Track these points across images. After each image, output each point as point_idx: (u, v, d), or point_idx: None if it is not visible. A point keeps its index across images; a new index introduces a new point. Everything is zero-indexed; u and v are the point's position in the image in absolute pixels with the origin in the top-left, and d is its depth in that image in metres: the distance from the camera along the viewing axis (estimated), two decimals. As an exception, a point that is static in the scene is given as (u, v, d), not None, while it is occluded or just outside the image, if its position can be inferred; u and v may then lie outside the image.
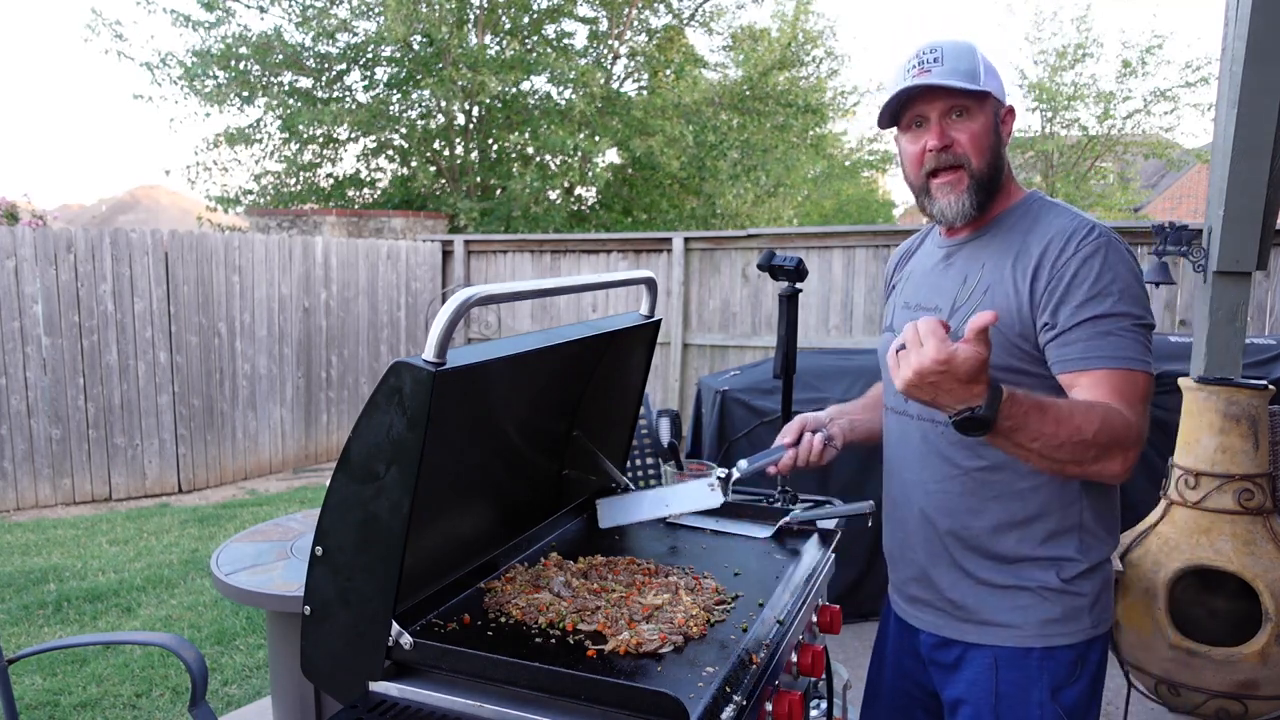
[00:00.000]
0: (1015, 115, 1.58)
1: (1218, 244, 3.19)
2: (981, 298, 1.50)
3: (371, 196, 14.12)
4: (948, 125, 1.52)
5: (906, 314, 1.65)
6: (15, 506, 6.49)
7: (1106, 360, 1.40)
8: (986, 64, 1.53)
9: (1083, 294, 1.41)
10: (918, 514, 1.64)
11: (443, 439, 1.34)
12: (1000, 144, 1.54)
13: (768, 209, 15.25)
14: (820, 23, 17.49)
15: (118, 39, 13.26)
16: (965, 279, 1.55)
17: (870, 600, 4.01)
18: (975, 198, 1.54)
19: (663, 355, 7.80)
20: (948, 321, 1.43)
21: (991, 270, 1.52)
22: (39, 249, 6.43)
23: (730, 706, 1.23)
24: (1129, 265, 1.45)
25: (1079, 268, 1.43)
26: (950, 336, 1.45)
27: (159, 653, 3.69)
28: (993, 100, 1.53)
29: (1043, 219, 1.52)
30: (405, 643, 1.28)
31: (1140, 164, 17.96)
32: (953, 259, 1.61)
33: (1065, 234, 1.47)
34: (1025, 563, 1.54)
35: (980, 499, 1.55)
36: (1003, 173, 1.56)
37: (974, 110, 1.51)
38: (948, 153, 1.52)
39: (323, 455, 8.31)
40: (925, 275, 1.67)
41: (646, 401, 2.28)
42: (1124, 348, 1.40)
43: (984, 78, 1.51)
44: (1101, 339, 1.40)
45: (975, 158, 1.52)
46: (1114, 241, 1.45)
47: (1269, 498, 2.88)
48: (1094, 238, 1.45)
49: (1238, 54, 3.03)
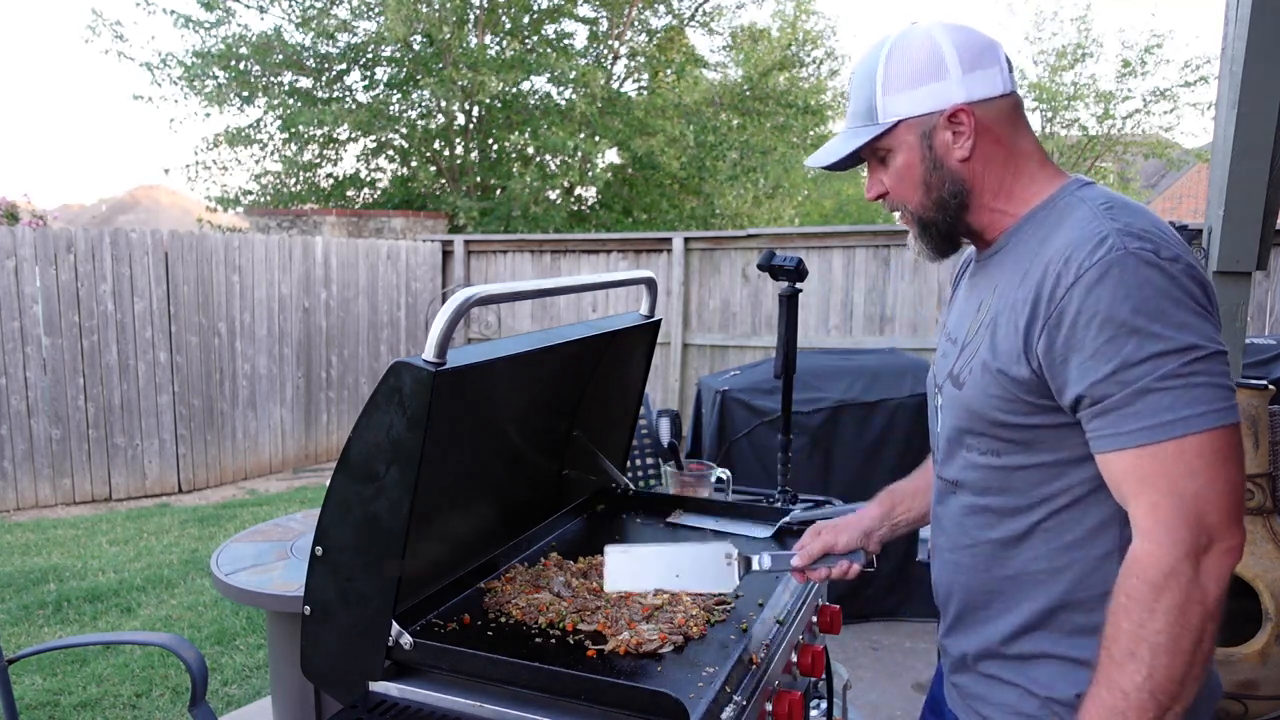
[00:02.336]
0: (972, 114, 1.19)
1: (1218, 244, 3.19)
2: (987, 333, 1.20)
3: (371, 196, 14.12)
4: (877, 171, 1.29)
5: (941, 340, 1.39)
6: (15, 506, 6.49)
7: (1143, 434, 1.04)
8: (899, 69, 1.21)
9: (1092, 340, 1.05)
10: (935, 581, 1.40)
11: (443, 439, 1.34)
12: (942, 163, 1.22)
13: (768, 209, 15.25)
14: (820, 23, 17.54)
15: (118, 39, 13.30)
16: (980, 305, 1.26)
17: (870, 600, 4.02)
18: (931, 238, 1.28)
19: (663, 355, 7.80)
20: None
21: (1001, 295, 1.20)
22: (39, 249, 6.43)
23: (730, 706, 1.23)
24: (1162, 281, 1.04)
25: (1082, 302, 1.06)
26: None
27: (159, 653, 3.69)
28: (911, 124, 1.22)
29: (1058, 226, 1.17)
30: (405, 643, 1.28)
31: (1140, 164, 17.96)
32: (977, 279, 1.31)
33: (1064, 255, 1.10)
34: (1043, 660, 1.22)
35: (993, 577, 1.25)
36: (975, 188, 1.23)
37: (893, 148, 1.24)
38: (887, 202, 1.30)
39: (323, 455, 8.31)
40: (963, 296, 1.38)
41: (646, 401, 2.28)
42: (1165, 405, 1.02)
43: (886, 100, 1.22)
44: (1132, 402, 1.04)
45: (909, 198, 1.26)
46: (1134, 253, 1.05)
47: (1269, 498, 2.88)
48: (1101, 255, 1.06)
49: (1238, 54, 3.03)
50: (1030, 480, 1.19)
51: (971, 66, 1.20)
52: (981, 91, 1.20)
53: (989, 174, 1.23)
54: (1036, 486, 1.18)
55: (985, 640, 1.27)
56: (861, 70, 1.26)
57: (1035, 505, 1.19)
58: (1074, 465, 1.15)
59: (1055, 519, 1.18)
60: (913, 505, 1.55)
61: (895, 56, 1.22)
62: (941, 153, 1.22)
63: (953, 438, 1.27)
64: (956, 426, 1.25)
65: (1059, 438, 1.15)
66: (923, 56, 1.20)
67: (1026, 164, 1.23)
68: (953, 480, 1.29)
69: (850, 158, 1.28)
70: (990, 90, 1.20)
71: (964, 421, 1.23)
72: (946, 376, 1.29)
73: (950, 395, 1.27)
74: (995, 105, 1.21)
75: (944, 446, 1.31)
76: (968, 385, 1.22)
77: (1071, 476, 1.16)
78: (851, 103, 1.28)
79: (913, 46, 1.21)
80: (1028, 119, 1.26)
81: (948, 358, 1.31)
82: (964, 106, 1.19)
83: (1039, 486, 1.18)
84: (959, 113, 1.19)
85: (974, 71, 1.20)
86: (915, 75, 1.20)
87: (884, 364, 4.33)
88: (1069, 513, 1.17)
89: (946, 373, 1.29)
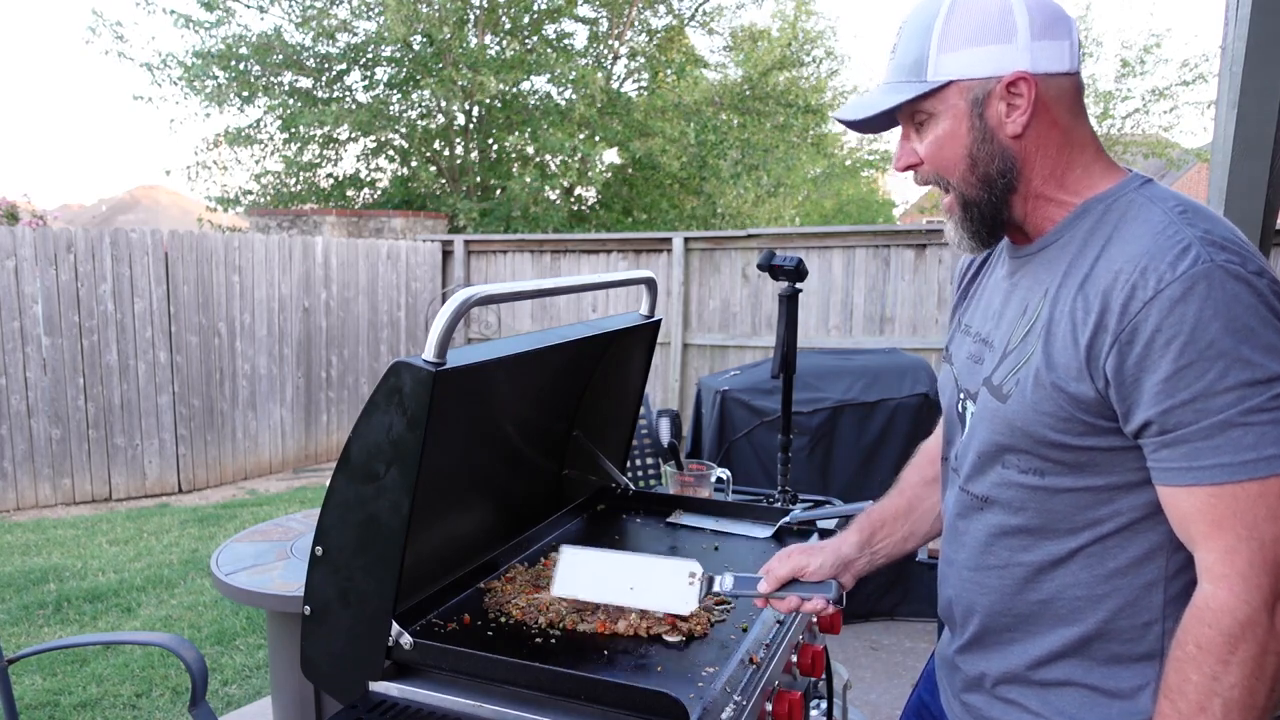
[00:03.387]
0: (1035, 84, 1.07)
1: (1218, 244, 3.19)
2: (1038, 342, 1.08)
3: (371, 196, 14.13)
4: (910, 138, 1.17)
5: (965, 344, 1.27)
6: (15, 506, 6.49)
7: (1221, 471, 0.95)
8: (962, 22, 1.09)
9: (1170, 363, 0.95)
10: (950, 597, 1.29)
11: (443, 439, 1.34)
12: (994, 136, 1.10)
13: (768, 209, 15.25)
14: (820, 23, 17.52)
15: (118, 40, 13.31)
16: (1025, 308, 1.13)
17: (870, 601, 4.02)
18: (974, 222, 1.16)
19: (663, 355, 7.80)
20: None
21: (1054, 301, 1.08)
22: (39, 249, 6.43)
23: (730, 706, 1.23)
24: (1252, 299, 0.95)
25: (1162, 319, 0.96)
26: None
27: (159, 653, 3.69)
28: (963, 86, 1.09)
29: (1125, 228, 1.05)
30: (405, 643, 1.28)
31: (1140, 163, 17.96)
32: (1017, 277, 1.18)
33: (1139, 265, 0.99)
34: (1068, 688, 1.14)
35: (1023, 601, 1.16)
36: (1026, 168, 1.11)
37: (936, 112, 1.12)
38: (918, 174, 1.17)
39: (323, 455, 8.31)
40: (991, 294, 1.25)
41: (646, 401, 2.28)
42: (1249, 443, 0.94)
43: (940, 57, 1.09)
44: (1212, 435, 0.95)
45: (951, 171, 1.13)
46: (1222, 267, 0.95)
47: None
48: (1185, 268, 0.96)
49: (1237, 54, 3.03)
50: (1076, 504, 1.09)
51: (1042, 34, 1.07)
52: (1047, 64, 1.08)
53: (1041, 157, 1.11)
54: (1082, 511, 1.09)
55: (1008, 664, 1.19)
56: (917, 18, 1.12)
57: (1079, 530, 1.09)
58: (1126, 491, 1.06)
59: (1100, 545, 1.09)
60: (894, 530, 1.43)
61: (960, 7, 1.09)
62: (994, 124, 1.09)
63: (988, 452, 1.16)
64: (995, 442, 1.14)
65: (1113, 461, 1.05)
66: (992, 12, 1.08)
67: (1082, 153, 1.12)
68: (982, 496, 1.18)
69: (884, 117, 1.15)
70: (1057, 65, 1.08)
71: (1005, 438, 1.12)
72: (982, 384, 1.17)
73: (989, 406, 1.15)
74: (1058, 82, 1.09)
75: (973, 460, 1.19)
76: (1014, 399, 1.10)
77: (1121, 503, 1.06)
78: (898, 54, 1.14)
79: (982, 1, 1.09)
80: (1085, 107, 1.14)
81: (981, 363, 1.20)
82: (1026, 75, 1.07)
83: (1085, 511, 1.09)
84: (1019, 81, 1.07)
85: (1043, 40, 1.07)
86: (978, 32, 1.08)
87: (884, 364, 4.33)
88: (1115, 540, 1.08)
89: (982, 380, 1.17)
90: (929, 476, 1.45)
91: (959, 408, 1.25)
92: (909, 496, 1.46)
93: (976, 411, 1.19)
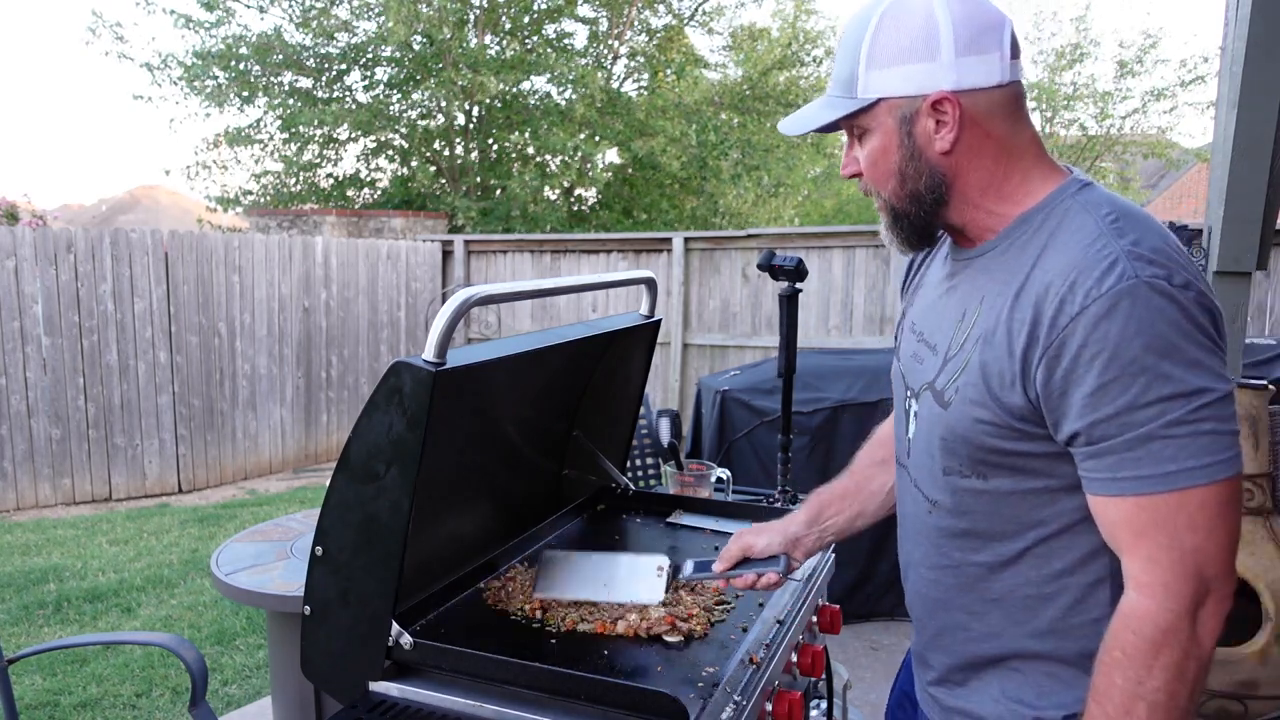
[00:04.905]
0: (958, 104, 1.08)
1: (1218, 244, 3.19)
2: (974, 350, 1.11)
3: (371, 196, 14.12)
4: (853, 147, 1.19)
5: (911, 342, 1.29)
6: (15, 506, 6.49)
7: (1143, 482, 0.98)
8: (887, 41, 1.09)
9: (1095, 377, 0.98)
10: (911, 594, 1.33)
11: (443, 439, 1.34)
12: (921, 154, 1.11)
13: (768, 209, 15.25)
14: (820, 22, 17.52)
15: (118, 40, 13.32)
16: (964, 313, 1.16)
17: (870, 600, 4.02)
18: (902, 230, 1.18)
19: (663, 355, 7.80)
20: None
21: (990, 308, 1.11)
22: (39, 249, 6.43)
23: (730, 706, 1.23)
24: (1175, 315, 0.96)
25: (1088, 334, 0.98)
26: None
27: (159, 653, 3.69)
28: (891, 104, 1.11)
29: (1058, 237, 1.06)
30: (405, 643, 1.28)
31: (1140, 164, 17.95)
32: (957, 280, 1.21)
33: (1068, 279, 1.01)
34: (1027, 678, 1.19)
35: (977, 598, 1.20)
36: (957, 183, 1.13)
37: (870, 128, 1.14)
38: (860, 182, 1.20)
39: (323, 455, 8.31)
40: (932, 295, 1.28)
41: (646, 401, 2.28)
42: (1169, 455, 0.97)
43: (868, 75, 1.10)
44: (1134, 448, 0.98)
45: (883, 189, 1.17)
46: (1147, 283, 0.97)
47: (1269, 498, 2.88)
48: (1111, 284, 0.97)
49: (1238, 54, 3.03)
50: (1020, 506, 1.12)
51: (967, 50, 1.07)
52: (973, 80, 1.08)
53: (974, 170, 1.12)
54: (1027, 513, 1.12)
55: (969, 656, 1.22)
56: (849, 33, 1.13)
57: (1025, 531, 1.13)
58: (1066, 493, 1.09)
59: (1045, 546, 1.13)
60: (842, 509, 1.47)
61: (885, 25, 1.09)
62: (921, 142, 1.11)
63: (931, 453, 1.20)
64: (939, 445, 1.17)
65: (1051, 466, 1.09)
66: (915, 30, 1.08)
67: (1020, 161, 1.12)
68: (931, 500, 1.22)
69: (827, 126, 1.18)
70: (984, 79, 1.08)
71: (946, 443, 1.16)
72: (926, 386, 1.20)
73: (931, 410, 1.19)
74: (988, 96, 1.09)
75: (923, 461, 1.23)
76: (954, 407, 1.13)
77: (1063, 504, 1.10)
78: (835, 67, 1.16)
79: (907, 17, 1.08)
80: (1028, 112, 1.14)
81: (924, 364, 1.23)
82: (949, 95, 1.07)
83: (1029, 513, 1.12)
84: (943, 101, 1.08)
85: (969, 56, 1.07)
86: (902, 51, 1.08)
87: (884, 364, 4.33)
88: (1059, 540, 1.12)
89: (926, 382, 1.21)
90: (879, 458, 1.50)
91: (906, 404, 1.28)
92: (858, 478, 1.50)
93: (920, 413, 1.22)
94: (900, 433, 1.31)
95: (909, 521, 1.30)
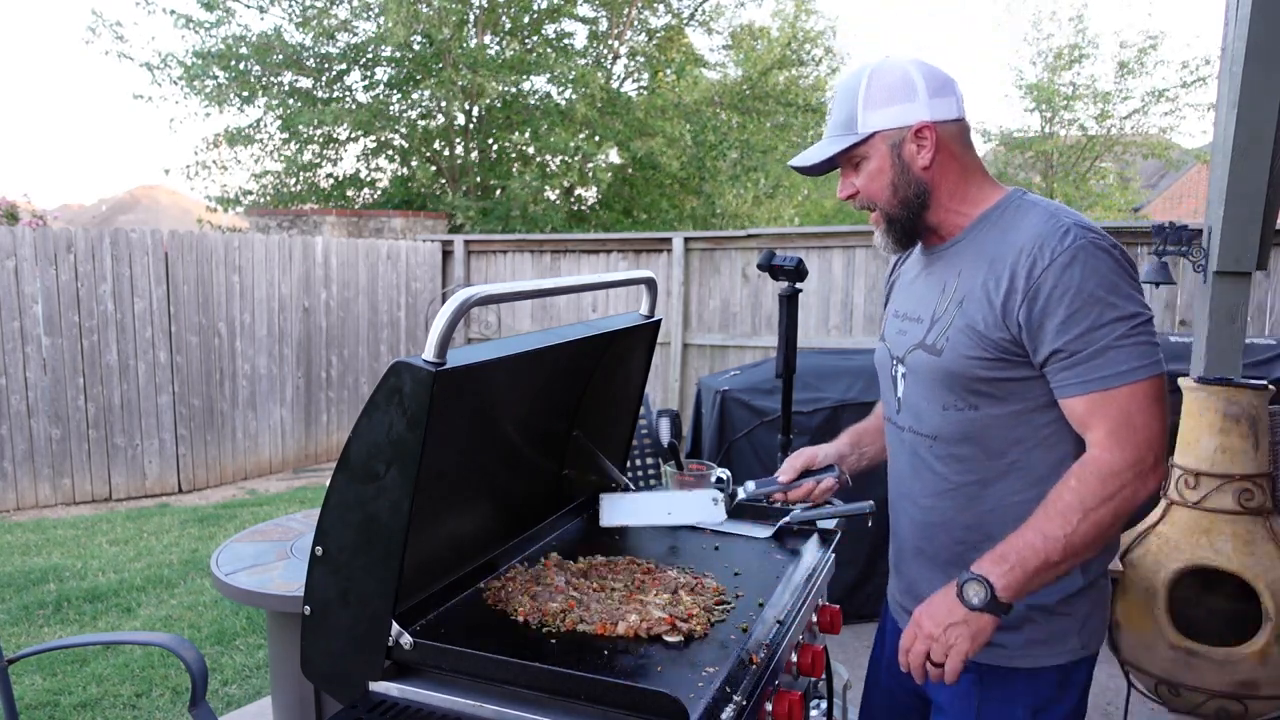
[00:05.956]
0: (934, 130, 1.45)
1: (1218, 244, 3.19)
2: (958, 309, 1.46)
3: (371, 196, 14.12)
4: (849, 175, 1.53)
5: (895, 323, 1.64)
6: (15, 506, 6.49)
7: (1104, 380, 1.33)
8: (877, 90, 1.46)
9: (1065, 309, 1.34)
10: (908, 526, 1.62)
11: (443, 439, 1.34)
12: (909, 169, 1.47)
13: (768, 209, 15.25)
14: (820, 22, 17.48)
15: (118, 40, 13.30)
16: (944, 287, 1.51)
17: (870, 600, 4.01)
18: (895, 233, 1.53)
19: (663, 355, 7.80)
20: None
21: (967, 278, 1.47)
22: (39, 249, 6.43)
23: (730, 706, 1.23)
24: (1111, 264, 1.35)
25: (1057, 280, 1.34)
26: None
27: (159, 653, 3.69)
28: (884, 135, 1.47)
29: (1017, 223, 1.44)
30: (405, 643, 1.28)
31: (1140, 164, 17.95)
32: (932, 267, 1.57)
33: (1037, 242, 1.38)
34: None
35: (973, 514, 1.50)
36: (935, 191, 1.49)
37: (866, 155, 1.49)
38: (857, 201, 1.54)
39: (323, 455, 8.31)
40: (911, 284, 1.64)
41: (646, 401, 2.28)
42: (1120, 360, 1.33)
43: (865, 115, 1.46)
44: (1096, 357, 1.33)
45: (879, 198, 1.51)
46: (1092, 242, 1.35)
47: (1269, 498, 2.88)
48: (1069, 244, 1.35)
49: (1238, 54, 3.03)
50: (1004, 426, 1.45)
51: (936, 93, 1.46)
52: (943, 113, 1.46)
53: (946, 180, 1.50)
54: (1009, 431, 1.45)
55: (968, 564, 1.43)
56: (844, 89, 1.51)
57: (1009, 448, 1.46)
58: (1039, 411, 1.43)
59: (1026, 457, 1.46)
60: (875, 439, 1.80)
61: (875, 79, 1.47)
62: (909, 160, 1.48)
63: (928, 397, 1.52)
64: (939, 383, 1.49)
65: (1026, 389, 1.43)
66: (897, 81, 1.46)
67: (975, 175, 1.52)
68: (930, 435, 1.53)
69: (827, 163, 1.52)
70: (950, 114, 1.47)
71: (942, 382, 1.48)
72: (916, 347, 1.54)
73: (922, 362, 1.52)
74: (952, 127, 1.48)
75: (915, 407, 1.55)
76: (946, 352, 1.47)
77: (1037, 420, 1.44)
78: (833, 116, 1.52)
79: (890, 73, 1.47)
80: (973, 143, 1.54)
81: (908, 334, 1.57)
82: (929, 124, 1.45)
83: (1011, 431, 1.45)
84: (924, 128, 1.45)
85: (937, 97, 1.46)
86: (891, 95, 1.46)
87: (884, 364, 4.32)
88: (1037, 452, 1.45)
89: (916, 344, 1.54)
90: None
91: (893, 372, 1.62)
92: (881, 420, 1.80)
93: (909, 371, 1.57)
94: (889, 398, 1.65)
95: (905, 465, 1.61)
